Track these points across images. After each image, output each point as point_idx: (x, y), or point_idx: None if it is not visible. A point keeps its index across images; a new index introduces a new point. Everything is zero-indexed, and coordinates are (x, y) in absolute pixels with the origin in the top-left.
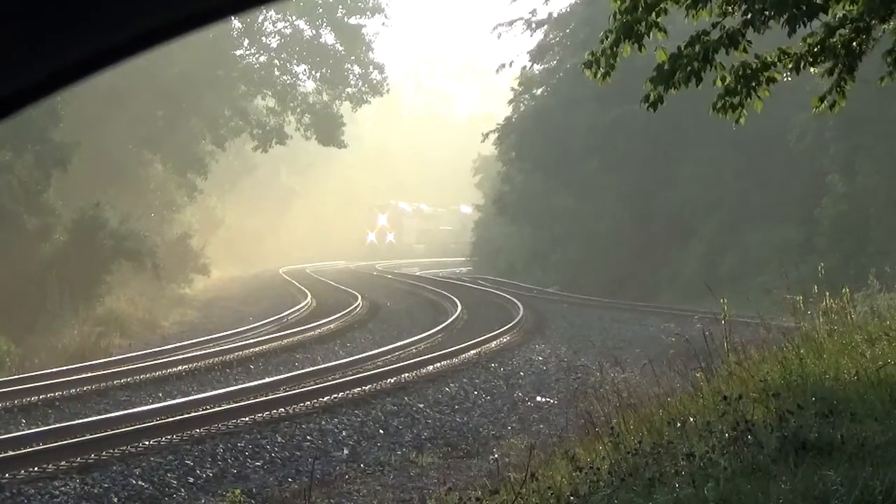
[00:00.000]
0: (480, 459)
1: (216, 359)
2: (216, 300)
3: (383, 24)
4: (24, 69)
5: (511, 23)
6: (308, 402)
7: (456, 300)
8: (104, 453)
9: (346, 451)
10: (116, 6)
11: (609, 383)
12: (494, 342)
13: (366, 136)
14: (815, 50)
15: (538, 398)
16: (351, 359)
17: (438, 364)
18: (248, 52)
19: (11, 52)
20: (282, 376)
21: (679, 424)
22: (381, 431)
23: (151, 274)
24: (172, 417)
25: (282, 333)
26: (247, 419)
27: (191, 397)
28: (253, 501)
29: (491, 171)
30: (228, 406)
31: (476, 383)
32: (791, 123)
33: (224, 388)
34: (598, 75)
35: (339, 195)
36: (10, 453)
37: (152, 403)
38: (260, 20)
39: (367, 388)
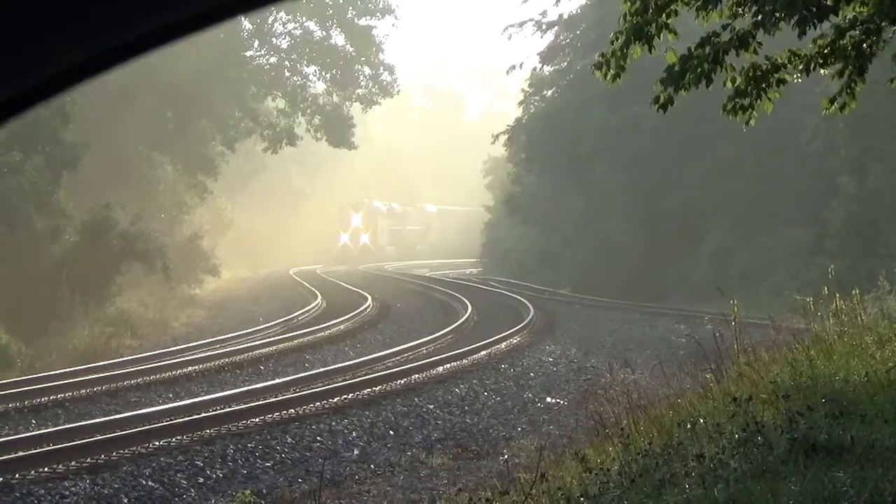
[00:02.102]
0: (490, 460)
1: (226, 359)
2: (226, 301)
3: (393, 25)
4: (32, 68)
5: (521, 24)
6: (318, 403)
7: (466, 301)
8: (114, 454)
9: (356, 452)
10: (123, 6)
11: (619, 384)
12: (504, 343)
13: (376, 138)
14: (826, 51)
15: (548, 399)
16: (361, 360)
17: (448, 365)
18: (258, 53)
19: (19, 51)
20: (292, 377)
21: (689, 425)
22: (392, 432)
23: (161, 275)
24: (182, 418)
25: (292, 334)
26: (257, 420)
27: (201, 398)
28: (263, 502)
29: (501, 173)
30: (239, 407)
31: (486, 384)
32: (801, 125)
33: (234, 388)
34: (609, 76)
35: (349, 196)
36: (21, 454)
37: (162, 404)
38: (270, 21)
39: (377, 389)
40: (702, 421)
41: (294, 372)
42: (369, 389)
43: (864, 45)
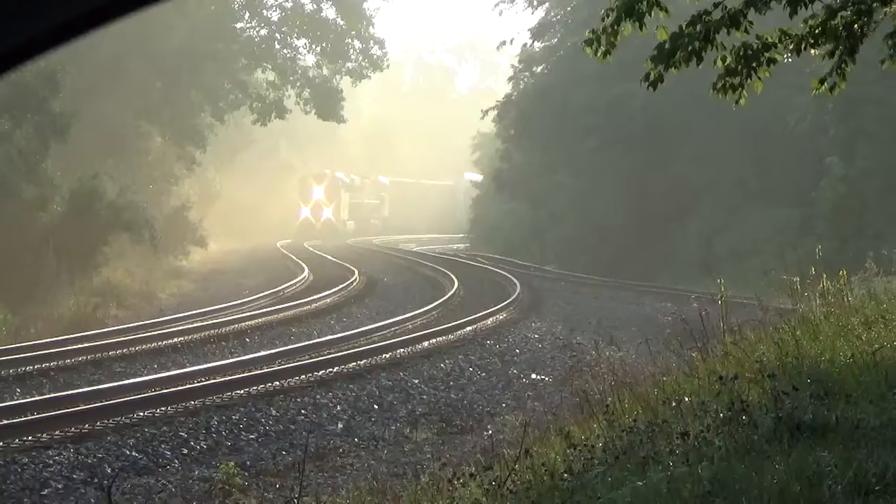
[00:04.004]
0: (475, 436)
1: (212, 331)
2: (213, 273)
3: None
4: (22, 25)
5: (512, 0)
6: (303, 376)
7: (453, 277)
8: (98, 424)
9: (340, 426)
10: None
11: (604, 362)
12: (490, 319)
13: (365, 112)
14: (816, 31)
15: (533, 375)
16: (347, 333)
17: (434, 340)
18: (248, 25)
19: (8, 12)
20: (277, 350)
21: (674, 403)
22: (376, 406)
23: (149, 245)
24: (167, 389)
25: (278, 307)
26: (242, 392)
27: (186, 369)
28: (247, 474)
29: (490, 148)
30: (223, 379)
31: (471, 360)
32: (791, 105)
33: (219, 360)
34: (599, 53)
35: (338, 170)
36: (5, 422)
37: (147, 375)
38: None
39: (362, 362)
40: (687, 399)
41: (280, 345)
42: (354, 363)
43: (855, 25)
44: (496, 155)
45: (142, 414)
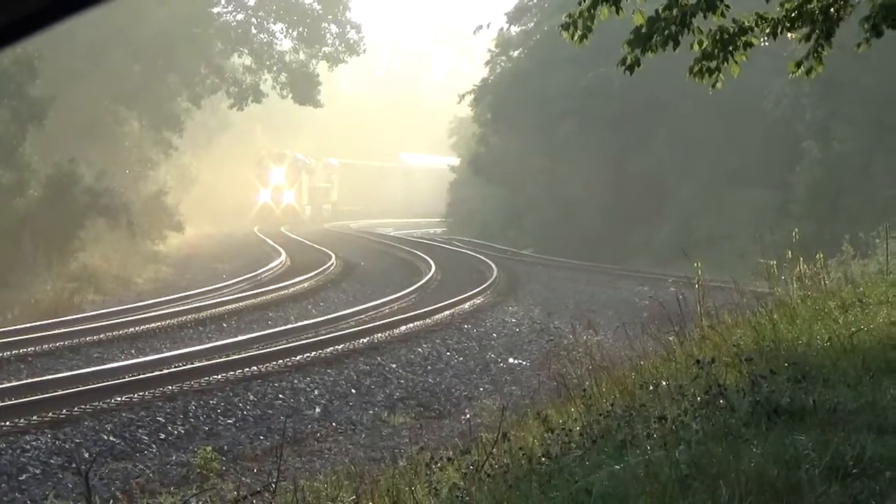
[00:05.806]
0: (452, 420)
1: (189, 316)
2: (190, 257)
3: None
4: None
5: None
6: (281, 361)
7: (430, 261)
8: (76, 409)
9: (318, 410)
10: None
11: (582, 346)
12: (468, 303)
13: (342, 96)
14: (793, 15)
15: (511, 360)
16: (324, 318)
17: (412, 324)
18: (225, 10)
19: None
20: (255, 334)
21: (651, 387)
22: (354, 391)
23: (126, 230)
24: (145, 374)
25: (255, 291)
26: (219, 377)
27: (163, 354)
28: (224, 459)
29: (466, 133)
30: (201, 363)
31: (449, 344)
32: (768, 88)
33: (197, 345)
34: (576, 37)
35: (315, 155)
36: None
37: (125, 360)
38: None
39: (339, 347)
40: (664, 383)
41: (257, 329)
42: (332, 348)
43: (832, 9)
44: (473, 139)
45: (119, 399)
